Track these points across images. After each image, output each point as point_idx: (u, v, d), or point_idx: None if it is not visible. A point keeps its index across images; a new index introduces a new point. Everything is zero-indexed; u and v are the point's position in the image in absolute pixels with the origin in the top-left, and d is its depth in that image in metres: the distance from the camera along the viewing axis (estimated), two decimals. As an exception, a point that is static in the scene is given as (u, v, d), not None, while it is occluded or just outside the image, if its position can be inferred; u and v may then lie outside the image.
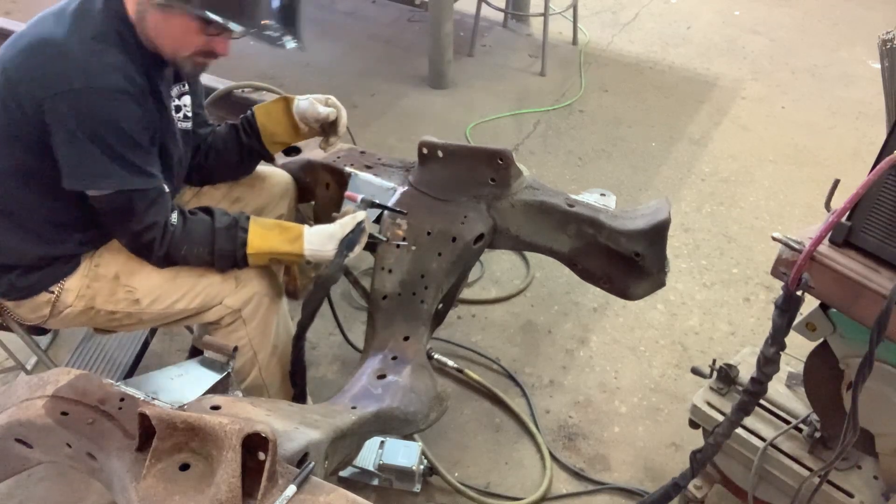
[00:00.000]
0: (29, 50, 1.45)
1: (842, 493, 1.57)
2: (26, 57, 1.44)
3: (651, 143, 3.57)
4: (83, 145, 1.43)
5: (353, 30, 4.43)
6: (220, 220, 1.61)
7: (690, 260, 2.86)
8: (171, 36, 1.52)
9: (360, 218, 1.68)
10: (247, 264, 1.65)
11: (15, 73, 1.45)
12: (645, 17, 4.81)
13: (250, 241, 1.61)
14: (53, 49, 1.42)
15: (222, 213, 1.64)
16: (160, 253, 1.58)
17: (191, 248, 1.59)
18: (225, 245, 1.60)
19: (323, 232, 1.66)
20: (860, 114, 3.86)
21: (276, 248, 1.64)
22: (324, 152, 2.04)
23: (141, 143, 1.50)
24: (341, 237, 1.65)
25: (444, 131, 3.49)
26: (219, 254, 1.61)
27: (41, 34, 1.45)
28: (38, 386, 1.30)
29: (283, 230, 1.66)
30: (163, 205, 1.55)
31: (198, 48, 1.54)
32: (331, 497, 1.09)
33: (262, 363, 1.77)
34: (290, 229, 1.66)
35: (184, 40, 1.53)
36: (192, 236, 1.58)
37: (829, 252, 1.30)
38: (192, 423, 1.09)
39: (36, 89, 1.42)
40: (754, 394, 1.45)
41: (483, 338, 2.49)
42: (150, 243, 1.56)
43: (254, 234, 1.62)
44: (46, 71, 1.42)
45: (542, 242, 1.88)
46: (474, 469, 2.08)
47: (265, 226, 1.65)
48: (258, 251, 1.63)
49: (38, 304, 1.62)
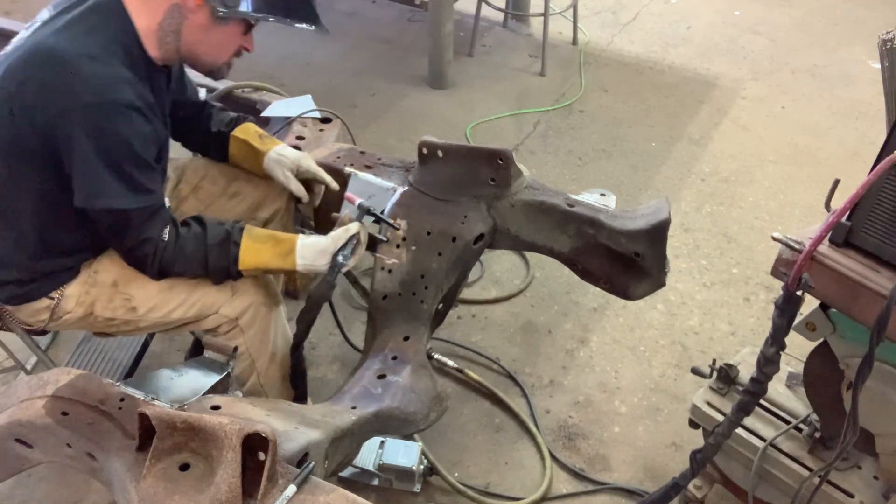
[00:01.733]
0: (36, 62, 1.42)
1: (842, 493, 1.57)
2: (34, 70, 1.41)
3: (651, 143, 3.57)
4: (93, 164, 1.42)
5: (353, 30, 4.43)
6: (213, 236, 1.59)
7: (690, 260, 2.86)
8: (215, 44, 1.57)
9: (353, 231, 1.66)
10: (241, 276, 1.65)
11: (23, 86, 1.42)
12: (645, 17, 4.80)
13: (242, 258, 1.60)
14: (62, 63, 1.40)
15: (215, 225, 1.61)
16: (153, 269, 1.58)
17: (183, 264, 1.59)
18: (217, 262, 1.60)
19: (315, 246, 1.64)
20: (860, 114, 3.86)
21: (268, 264, 1.63)
22: (323, 152, 2.05)
23: (147, 161, 1.50)
24: (333, 251, 1.63)
25: (444, 131, 3.49)
26: (212, 270, 1.61)
27: (47, 46, 1.42)
28: (38, 386, 1.30)
29: (275, 243, 1.63)
30: (159, 220, 1.54)
31: (235, 51, 1.62)
32: (331, 497, 1.09)
33: (261, 370, 1.77)
34: (283, 242, 1.64)
35: (227, 46, 1.60)
36: (185, 253, 1.57)
37: (829, 252, 1.30)
38: (192, 423, 1.09)
39: (46, 104, 1.40)
40: (754, 394, 1.45)
41: (483, 338, 2.49)
42: (144, 258, 1.56)
43: (245, 250, 1.60)
44: (56, 86, 1.40)
45: (542, 242, 1.88)
46: (474, 469, 2.08)
47: (258, 239, 1.62)
48: (250, 267, 1.62)
49: (38, 310, 1.62)
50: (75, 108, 1.39)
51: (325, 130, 2.32)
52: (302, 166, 1.84)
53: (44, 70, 1.41)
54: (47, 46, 1.42)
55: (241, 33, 1.59)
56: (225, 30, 1.55)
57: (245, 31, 1.59)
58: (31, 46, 1.44)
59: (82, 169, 1.43)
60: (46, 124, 1.40)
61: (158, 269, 1.58)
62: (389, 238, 1.81)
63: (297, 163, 1.83)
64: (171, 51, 1.55)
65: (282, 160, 1.83)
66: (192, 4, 1.49)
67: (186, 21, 1.51)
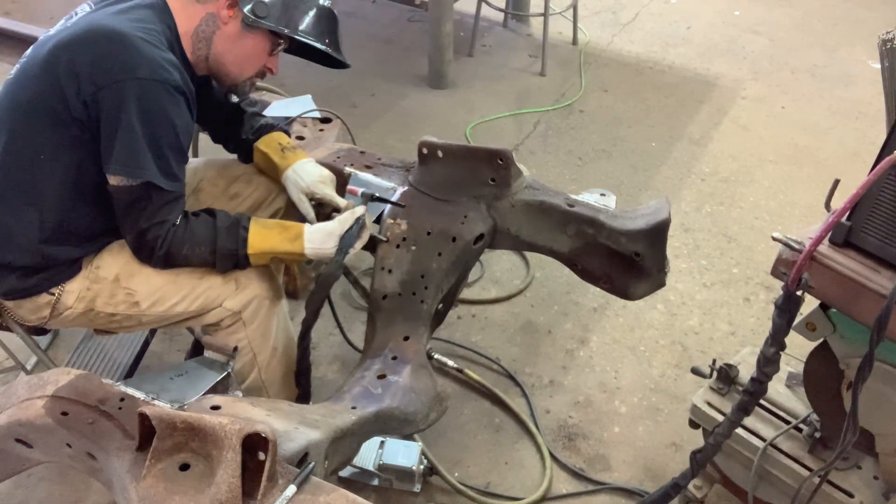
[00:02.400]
0: (89, 36, 1.46)
1: (842, 493, 1.57)
2: (87, 42, 1.45)
3: (651, 143, 3.57)
4: (134, 134, 1.44)
5: (353, 30, 4.43)
6: (222, 220, 1.62)
7: (690, 260, 2.86)
8: (242, 55, 1.64)
9: (359, 213, 1.69)
10: (248, 264, 1.65)
11: (74, 55, 1.44)
12: (645, 17, 4.81)
13: (251, 242, 1.62)
14: (118, 39, 1.44)
15: (224, 214, 1.65)
16: (161, 252, 1.57)
17: (192, 247, 1.59)
18: (226, 244, 1.61)
19: (323, 230, 1.67)
20: (860, 114, 3.86)
21: (276, 248, 1.64)
22: (323, 152, 2.05)
23: (182, 146, 1.55)
24: (341, 234, 1.66)
25: (444, 131, 3.49)
26: (220, 253, 1.61)
27: (101, 23, 1.47)
28: (38, 386, 1.30)
29: (283, 229, 1.67)
30: (175, 208, 1.56)
31: (259, 68, 1.69)
32: (331, 497, 1.09)
33: (262, 365, 1.77)
34: (290, 228, 1.67)
35: (253, 60, 1.66)
36: (195, 235, 1.59)
37: (829, 252, 1.30)
38: (192, 423, 1.09)
39: (98, 75, 1.43)
40: (754, 394, 1.45)
41: (483, 338, 2.49)
42: (154, 241, 1.56)
43: (254, 234, 1.62)
44: (111, 58, 1.43)
45: (542, 242, 1.88)
46: (474, 469, 2.08)
47: (266, 225, 1.66)
48: (259, 251, 1.63)
49: (39, 306, 1.62)
50: (129, 80, 1.42)
51: (325, 130, 2.32)
52: (317, 193, 1.83)
53: (100, 44, 1.45)
54: (102, 24, 1.47)
55: (268, 52, 1.66)
56: (253, 44, 1.63)
57: (271, 50, 1.66)
58: (84, 24, 1.49)
59: (126, 140, 1.45)
60: (95, 95, 1.43)
61: (166, 254, 1.58)
62: (389, 238, 1.81)
63: (311, 189, 1.83)
64: (202, 58, 1.63)
65: (298, 182, 1.84)
66: (225, 15, 1.58)
67: (219, 31, 1.59)
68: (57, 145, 1.50)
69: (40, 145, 1.50)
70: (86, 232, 1.61)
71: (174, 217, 1.56)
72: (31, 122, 1.50)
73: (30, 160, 1.51)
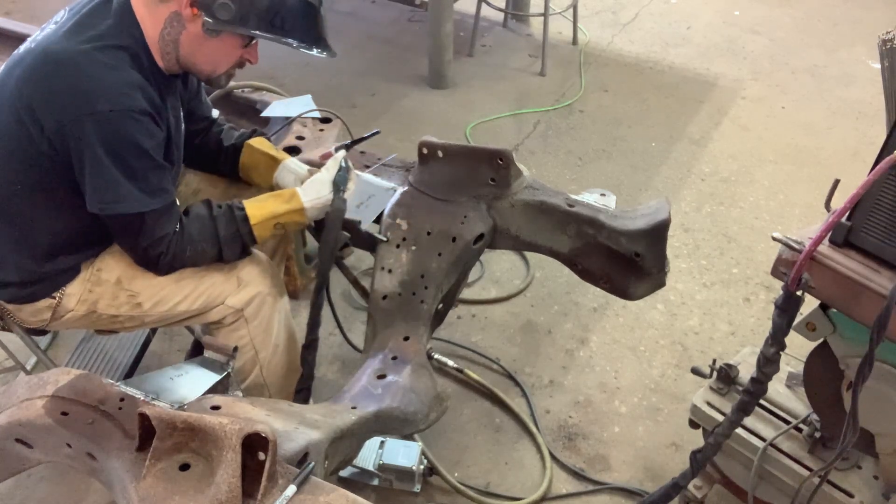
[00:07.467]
0: (45, 68, 1.41)
1: (842, 493, 1.57)
2: (43, 76, 1.41)
3: (651, 143, 3.57)
4: (107, 169, 1.42)
5: (353, 30, 4.43)
6: (216, 208, 1.63)
7: (690, 260, 2.86)
8: (211, 55, 1.57)
9: (340, 157, 1.75)
10: (254, 240, 1.66)
11: (32, 91, 1.42)
12: (645, 17, 4.80)
13: (250, 213, 1.63)
14: (72, 68, 1.40)
15: (215, 203, 1.64)
16: (166, 261, 1.57)
17: (195, 246, 1.59)
18: (228, 227, 1.61)
19: (314, 181, 1.72)
20: (860, 114, 3.86)
21: (276, 211, 1.66)
22: (323, 152, 2.04)
23: (159, 162, 1.51)
24: (331, 179, 1.71)
25: (444, 131, 3.49)
26: (224, 239, 1.61)
27: (54, 52, 1.42)
28: (38, 386, 1.30)
29: (276, 195, 1.70)
30: (170, 218, 1.55)
31: (235, 62, 1.62)
32: (331, 497, 1.09)
33: (264, 362, 1.77)
34: (283, 193, 1.71)
35: (224, 57, 1.60)
36: (194, 234, 1.58)
37: (829, 252, 1.30)
38: (192, 423, 1.09)
39: (57, 111, 1.39)
40: (754, 394, 1.45)
41: (483, 338, 2.49)
42: (157, 256, 1.56)
43: (251, 207, 1.64)
44: (67, 92, 1.39)
45: (542, 242, 1.88)
46: (474, 469, 2.08)
47: (258, 199, 1.68)
48: (261, 219, 1.64)
49: (40, 309, 1.62)
50: (86, 116, 1.38)
51: (325, 130, 2.31)
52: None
53: (54, 77, 1.40)
54: (55, 53, 1.42)
55: (241, 45, 1.58)
56: (220, 42, 1.54)
57: (245, 43, 1.58)
58: (40, 52, 1.44)
59: (96, 175, 1.43)
60: (58, 131, 1.40)
61: (171, 261, 1.58)
62: (389, 238, 1.81)
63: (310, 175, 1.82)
64: (172, 60, 1.56)
65: (297, 171, 1.85)
66: (188, 13, 1.49)
67: (185, 31, 1.51)
68: (32, 179, 1.48)
69: (14, 179, 1.49)
70: (80, 242, 1.61)
71: (171, 227, 1.55)
72: (2, 156, 1.48)
73: (9, 191, 1.50)
